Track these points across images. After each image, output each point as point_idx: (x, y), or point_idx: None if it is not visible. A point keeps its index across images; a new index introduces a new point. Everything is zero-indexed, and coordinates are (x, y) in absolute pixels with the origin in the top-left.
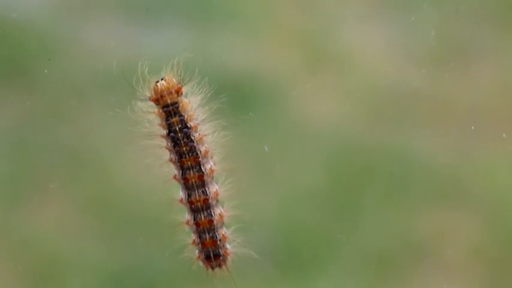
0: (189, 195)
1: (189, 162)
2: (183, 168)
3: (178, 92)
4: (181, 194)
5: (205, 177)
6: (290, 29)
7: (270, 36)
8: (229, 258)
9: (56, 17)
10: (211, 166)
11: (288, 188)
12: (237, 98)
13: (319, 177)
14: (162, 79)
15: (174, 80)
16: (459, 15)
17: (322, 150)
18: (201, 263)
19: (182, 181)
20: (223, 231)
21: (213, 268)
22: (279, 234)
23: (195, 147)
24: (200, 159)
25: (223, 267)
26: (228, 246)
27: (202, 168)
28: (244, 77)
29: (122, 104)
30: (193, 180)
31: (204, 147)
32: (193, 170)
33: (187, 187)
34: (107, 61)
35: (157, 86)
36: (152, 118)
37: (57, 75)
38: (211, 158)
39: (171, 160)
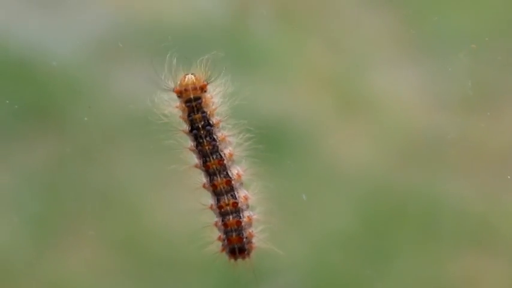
0: (218, 200)
1: (214, 166)
2: (209, 173)
3: (203, 89)
4: (210, 200)
5: (233, 183)
6: (321, 74)
7: (301, 80)
8: (253, 251)
9: (88, 62)
10: (238, 171)
11: (318, 230)
12: (267, 142)
13: (350, 221)
14: (191, 73)
15: (202, 77)
16: (495, 63)
17: (353, 193)
18: (225, 255)
19: (211, 188)
20: (250, 230)
21: (236, 259)
22: (310, 277)
23: (218, 147)
24: (225, 161)
25: (247, 259)
26: (253, 240)
27: (229, 173)
28: (275, 121)
29: (151, 146)
30: (221, 186)
31: (228, 150)
32: (220, 176)
33: (216, 193)
34: (137, 105)
35: (184, 78)
36: (173, 111)
37: (89, 119)
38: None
39: (196, 166)
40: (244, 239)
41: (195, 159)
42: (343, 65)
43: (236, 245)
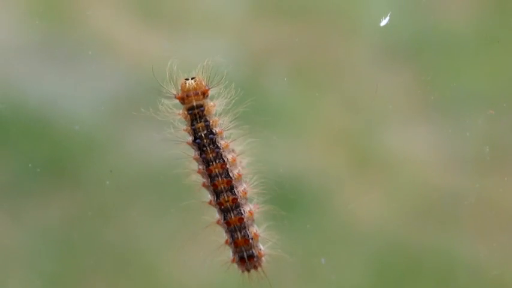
0: (218, 197)
1: (216, 170)
2: (211, 176)
3: (204, 94)
4: (210, 197)
5: (233, 182)
6: (336, 131)
7: (316, 137)
8: (263, 259)
9: (103, 119)
10: (239, 171)
11: (333, 287)
12: (282, 200)
13: (364, 277)
14: (191, 78)
15: (203, 82)
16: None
17: (367, 249)
18: (236, 266)
19: (211, 187)
20: (254, 230)
21: (248, 270)
22: None
23: (221, 154)
24: (228, 166)
25: (259, 269)
26: (261, 246)
27: (230, 174)
28: (290, 178)
29: (166, 202)
30: (222, 186)
31: (231, 156)
32: (221, 177)
33: (216, 192)
34: (151, 160)
35: (185, 83)
36: (177, 121)
37: (104, 175)
38: (240, 163)
39: (199, 171)
40: (251, 240)
41: (198, 166)
42: (358, 123)
43: (243, 247)
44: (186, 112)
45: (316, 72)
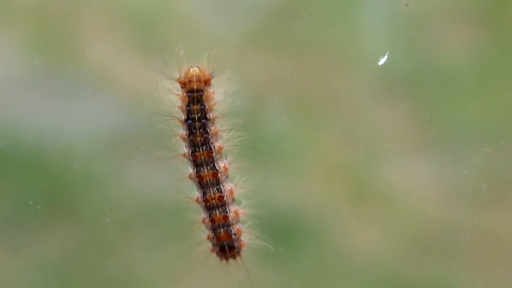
0: (204, 193)
1: (202, 157)
2: (196, 164)
3: (206, 82)
4: (196, 193)
5: (219, 175)
6: (334, 164)
7: (314, 170)
8: (243, 249)
9: (101, 152)
10: (225, 164)
11: None
12: (280, 234)
13: None
14: (196, 66)
15: (207, 71)
16: (510, 167)
17: (366, 283)
18: (215, 255)
19: (197, 179)
20: (238, 226)
21: (227, 259)
22: None
23: (209, 140)
24: (214, 154)
25: (238, 258)
26: (242, 238)
27: (216, 165)
28: (288, 211)
29: (165, 237)
30: (207, 178)
31: (218, 143)
32: (207, 167)
33: (202, 185)
34: (150, 195)
35: (189, 70)
36: (174, 100)
37: (103, 209)
38: (226, 158)
39: (185, 155)
40: (233, 236)
41: (184, 148)
42: (356, 157)
43: (225, 241)
44: (184, 94)
45: (314, 106)
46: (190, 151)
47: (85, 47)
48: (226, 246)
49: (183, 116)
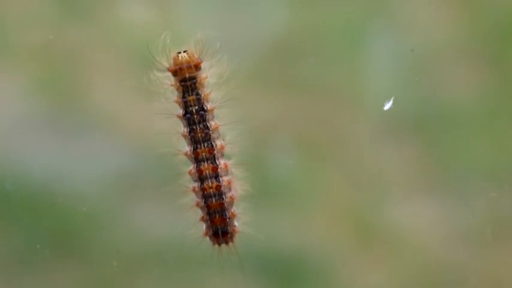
0: (202, 183)
1: (204, 154)
2: (197, 160)
3: (197, 67)
4: (194, 184)
5: (219, 170)
6: (339, 205)
7: (319, 211)
8: (236, 235)
9: (106, 192)
10: (225, 162)
11: None
12: (285, 273)
13: None
14: (184, 51)
15: (195, 55)
16: None
17: None
18: (208, 239)
19: (196, 174)
20: (232, 210)
21: (219, 244)
22: None
23: (210, 135)
24: (215, 152)
25: (230, 244)
26: (236, 223)
27: (216, 161)
28: (293, 251)
29: (169, 275)
30: (207, 171)
31: (220, 142)
32: (207, 162)
33: (201, 179)
34: (156, 236)
35: (178, 57)
36: (168, 93)
37: (110, 252)
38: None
39: (186, 154)
40: (227, 219)
41: (185, 146)
42: (362, 197)
43: (219, 226)
44: (178, 84)
45: (319, 146)
46: (192, 148)
47: (91, 88)
48: (219, 230)
49: (181, 112)
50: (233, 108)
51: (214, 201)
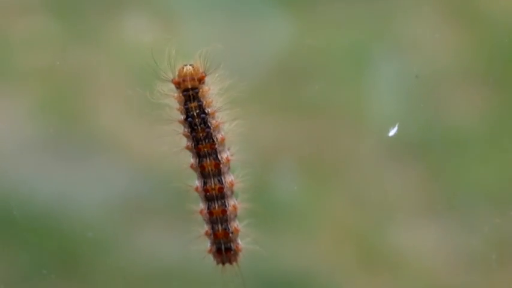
0: (205, 183)
1: (205, 149)
2: (199, 156)
3: (200, 80)
4: (197, 182)
5: (221, 166)
6: (343, 227)
7: (324, 233)
8: (240, 254)
9: (111, 215)
10: (227, 155)
11: None
12: None
13: None
14: (189, 64)
15: (200, 68)
16: None
17: None
18: (211, 257)
19: (199, 169)
20: (235, 224)
21: (223, 263)
22: None
23: (211, 134)
24: (216, 146)
25: (234, 263)
26: (239, 241)
27: (218, 156)
28: (297, 273)
29: None
30: (209, 168)
31: (220, 135)
32: (209, 158)
33: (204, 175)
34: (158, 257)
35: (183, 69)
36: (171, 102)
37: (112, 272)
38: (229, 149)
39: (187, 147)
40: (230, 234)
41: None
42: (365, 219)
43: (222, 240)
44: (180, 94)
45: (324, 169)
46: (193, 145)
47: (95, 110)
48: (223, 246)
49: (182, 117)
50: (237, 129)
51: (216, 207)
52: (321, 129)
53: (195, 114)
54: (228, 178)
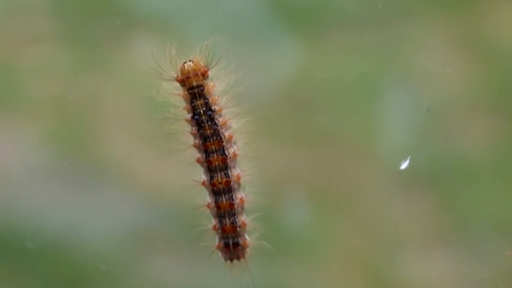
0: (211, 177)
1: (213, 146)
2: (207, 152)
3: (204, 75)
4: (203, 177)
5: (228, 161)
6: (353, 256)
7: (333, 262)
8: (247, 250)
9: (121, 245)
10: (234, 150)
11: None
12: None
13: None
14: (189, 60)
15: (201, 63)
16: None
17: None
18: (219, 253)
19: (206, 164)
20: (243, 218)
21: (231, 260)
22: None
23: (218, 131)
24: (224, 143)
25: (242, 259)
26: (247, 237)
27: (225, 151)
28: None
29: None
30: (216, 163)
31: (228, 132)
32: (217, 154)
33: (211, 170)
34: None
35: (184, 66)
36: (177, 101)
37: None
38: (235, 143)
39: (195, 145)
40: (238, 228)
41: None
42: (375, 250)
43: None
44: (186, 92)
45: (334, 198)
46: (201, 142)
47: (105, 140)
48: (230, 240)
49: (189, 115)
50: (244, 127)
51: (224, 201)
52: (331, 160)
53: (201, 111)
54: (235, 172)
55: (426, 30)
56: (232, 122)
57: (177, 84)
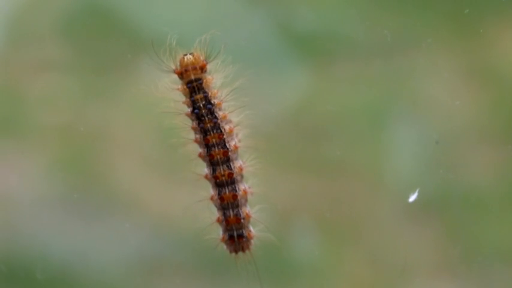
0: (214, 170)
1: (214, 140)
2: (208, 146)
3: (202, 69)
4: (206, 170)
5: (230, 154)
6: (360, 285)
7: None
8: (252, 242)
9: (128, 274)
10: (235, 143)
11: None
12: None
13: None
14: (189, 53)
15: (201, 56)
16: None
17: None
18: (224, 246)
19: (207, 158)
20: (247, 210)
21: (236, 252)
22: None
23: (219, 124)
24: (225, 137)
25: (247, 251)
26: (251, 228)
27: (227, 144)
28: None
29: None
30: (218, 156)
31: (228, 126)
32: (218, 147)
33: (213, 163)
34: None
35: (183, 59)
36: (176, 96)
37: None
38: (236, 136)
39: (196, 140)
40: (242, 220)
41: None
42: (383, 280)
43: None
44: (185, 86)
45: (342, 228)
46: (202, 137)
47: (112, 168)
48: (235, 232)
49: (189, 109)
50: (245, 121)
51: (227, 192)
52: (339, 189)
53: (201, 105)
54: (237, 163)
55: (433, 60)
56: (232, 115)
57: (176, 77)
